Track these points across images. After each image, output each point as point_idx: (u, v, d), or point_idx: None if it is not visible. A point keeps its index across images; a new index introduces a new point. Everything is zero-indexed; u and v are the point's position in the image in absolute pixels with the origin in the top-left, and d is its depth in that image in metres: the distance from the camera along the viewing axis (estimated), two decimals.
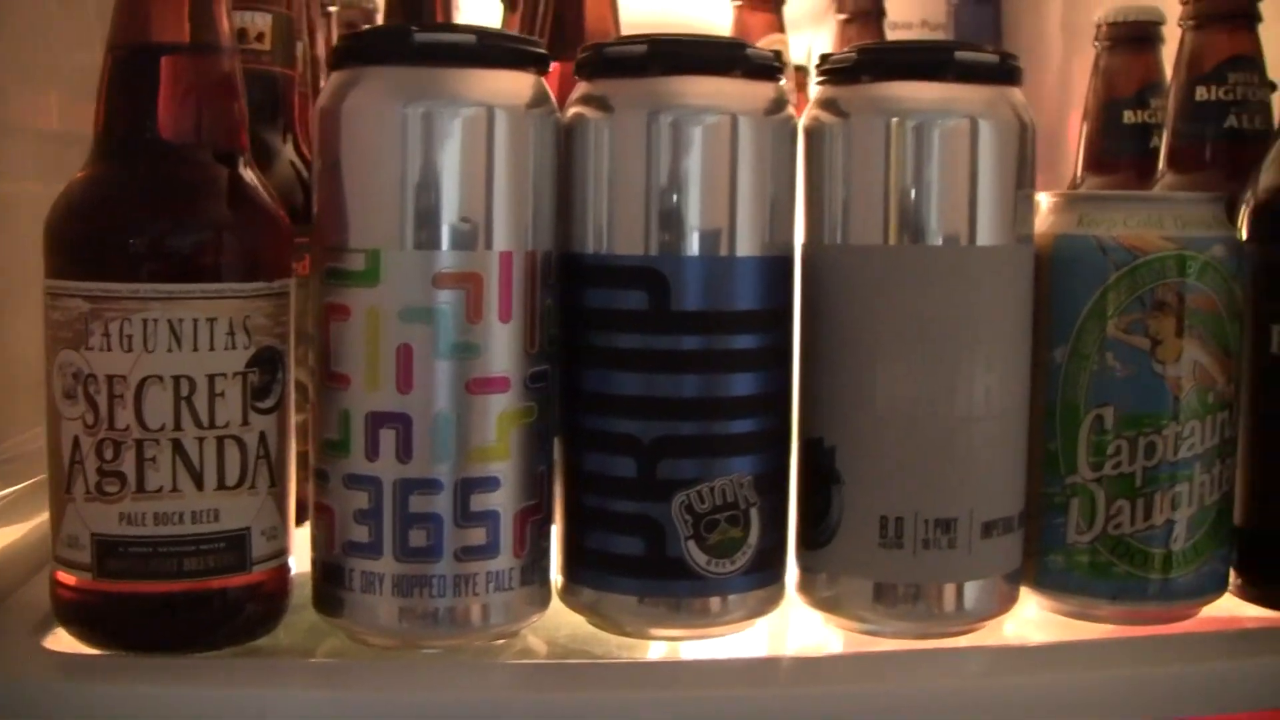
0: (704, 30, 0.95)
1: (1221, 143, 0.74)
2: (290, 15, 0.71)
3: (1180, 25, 0.77)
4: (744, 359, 0.56)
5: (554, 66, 0.60)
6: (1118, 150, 0.84)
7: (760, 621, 0.60)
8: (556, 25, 0.77)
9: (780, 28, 0.94)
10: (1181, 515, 0.60)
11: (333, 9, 0.97)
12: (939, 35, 1.12)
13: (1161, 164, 0.77)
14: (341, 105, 0.55)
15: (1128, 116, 0.84)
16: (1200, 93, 0.75)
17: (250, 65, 0.68)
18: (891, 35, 1.06)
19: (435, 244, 0.54)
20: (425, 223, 0.54)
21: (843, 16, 1.02)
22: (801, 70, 0.97)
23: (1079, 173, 0.86)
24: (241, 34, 0.69)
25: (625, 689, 0.56)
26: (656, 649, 0.60)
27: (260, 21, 0.69)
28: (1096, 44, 0.86)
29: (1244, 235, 0.64)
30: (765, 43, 0.93)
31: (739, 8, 0.95)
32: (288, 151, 0.71)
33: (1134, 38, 0.84)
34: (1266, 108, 0.74)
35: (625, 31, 0.76)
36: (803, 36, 1.10)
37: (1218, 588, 0.63)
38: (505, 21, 0.89)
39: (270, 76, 0.70)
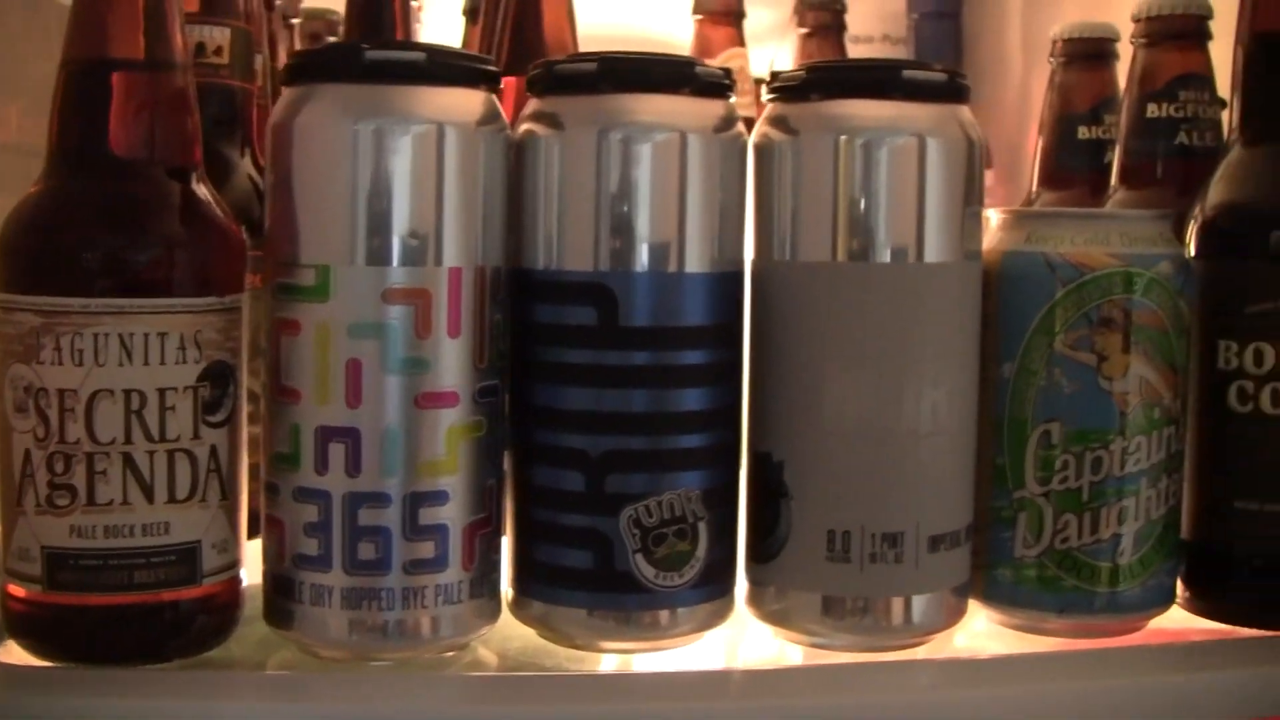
0: (665, 45, 0.97)
1: (1173, 159, 0.75)
2: (249, 29, 0.72)
3: (1132, 43, 0.77)
4: (692, 374, 0.57)
5: (511, 80, 0.60)
6: (1072, 165, 0.85)
7: (711, 634, 0.60)
8: (515, 39, 0.77)
9: (740, 42, 0.95)
10: (1128, 529, 0.61)
11: (295, 21, 0.98)
12: (900, 49, 1.12)
13: (1114, 180, 0.78)
14: (293, 121, 0.55)
15: (1082, 132, 0.84)
16: (1151, 109, 0.76)
17: (208, 79, 0.69)
18: (852, 49, 1.07)
19: (385, 260, 0.54)
20: (375, 239, 0.54)
21: (804, 30, 1.03)
22: (763, 83, 0.98)
23: (1034, 187, 0.87)
24: (200, 48, 0.69)
25: (575, 702, 0.56)
26: (609, 661, 0.60)
27: (218, 35, 0.70)
28: (1052, 60, 0.86)
29: (1192, 251, 0.65)
30: (725, 57, 0.93)
31: (700, 22, 0.95)
32: (246, 165, 0.72)
33: (1088, 54, 0.85)
34: (1217, 125, 0.74)
35: (585, 45, 0.76)
36: (765, 50, 1.10)
37: (1165, 601, 0.63)
38: (467, 33, 0.90)
39: (228, 90, 0.71)
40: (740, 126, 0.59)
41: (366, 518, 0.55)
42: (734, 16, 0.96)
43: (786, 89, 0.59)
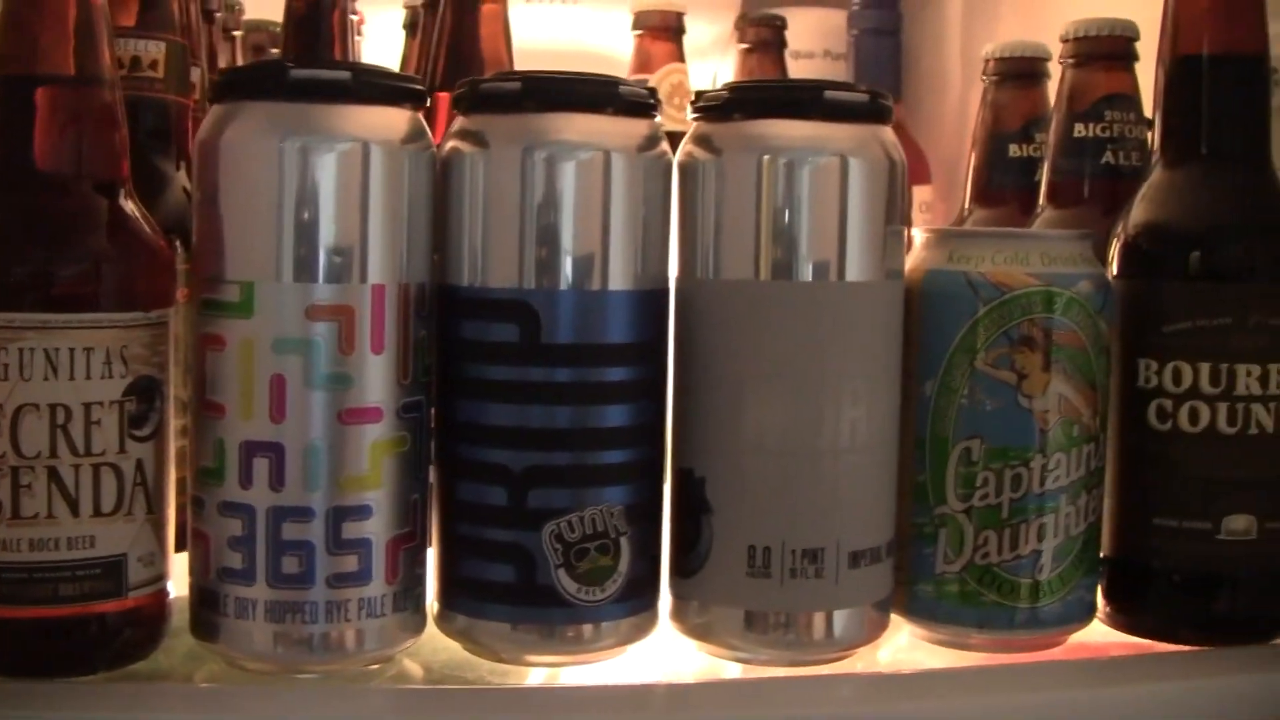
0: (606, 60, 0.97)
1: (1099, 179, 0.76)
2: (184, 43, 0.72)
3: (1060, 63, 0.78)
4: (615, 391, 0.57)
5: (447, 96, 0.61)
6: (1003, 183, 0.85)
7: (637, 647, 0.60)
8: (451, 54, 0.78)
9: (680, 57, 0.96)
10: (1047, 545, 0.62)
11: (237, 34, 0.98)
12: (841, 65, 1.13)
13: (1042, 199, 0.79)
14: (219, 139, 0.55)
15: (1013, 150, 0.85)
16: (1078, 129, 0.77)
17: (143, 93, 0.69)
18: (794, 65, 1.07)
19: (309, 277, 0.54)
20: (299, 256, 0.54)
21: (744, 46, 1.04)
22: None
23: (967, 204, 0.88)
24: (134, 62, 0.69)
25: (498, 715, 0.57)
26: (537, 674, 0.60)
27: (153, 50, 0.70)
28: (984, 79, 0.87)
29: (1114, 270, 0.66)
30: (664, 72, 0.94)
31: (640, 37, 0.96)
32: (181, 178, 0.72)
33: (1019, 73, 0.86)
34: (1143, 145, 0.75)
35: (526, 62, 0.77)
36: (709, 64, 1.11)
37: (1085, 616, 0.64)
38: (407, 48, 0.90)
39: (163, 104, 0.71)
40: (664, 145, 0.59)
41: (290, 532, 0.55)
42: (673, 32, 0.96)
43: (710, 108, 0.60)
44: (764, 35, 1.03)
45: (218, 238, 0.56)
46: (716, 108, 0.60)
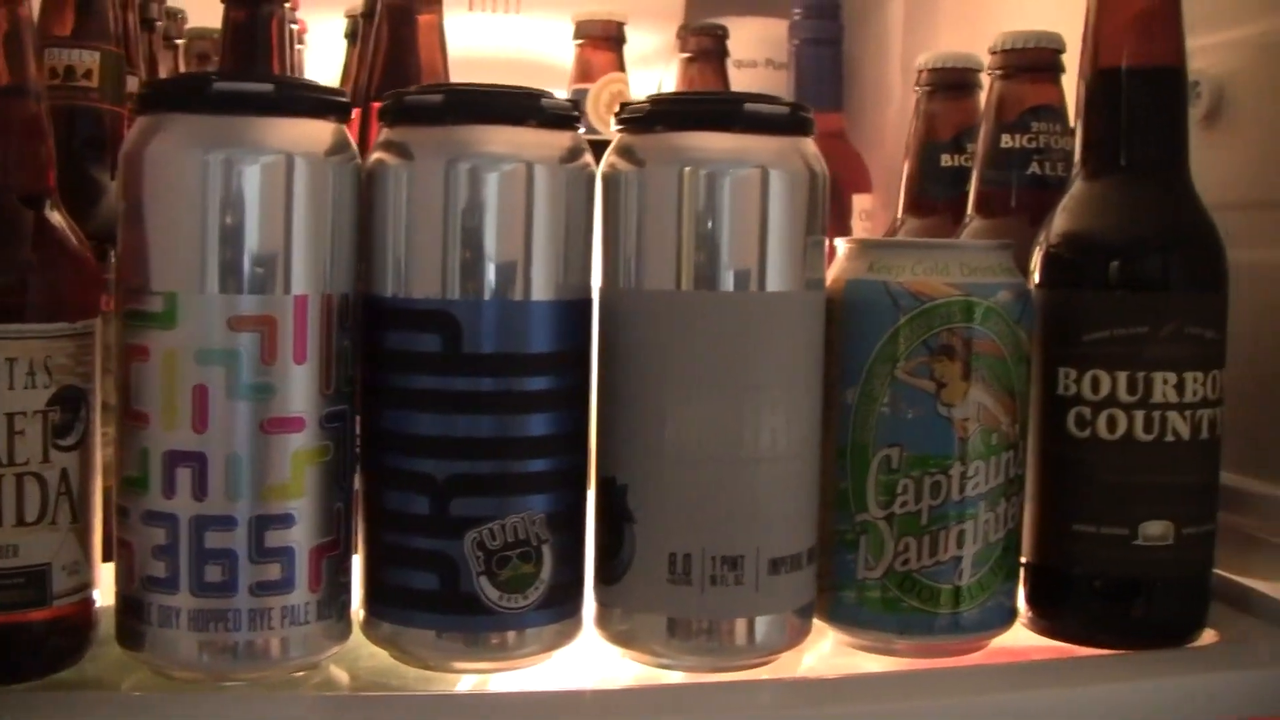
0: (549, 70, 0.98)
1: (1025, 189, 0.77)
2: (120, 52, 0.72)
3: (988, 75, 0.79)
4: (538, 400, 0.58)
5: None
6: (936, 193, 0.86)
7: (564, 654, 0.61)
8: (387, 64, 0.78)
9: (620, 66, 0.96)
10: (967, 552, 0.63)
11: (180, 42, 0.98)
12: (783, 74, 1.14)
13: (969, 208, 0.80)
14: (144, 151, 0.56)
15: (945, 160, 0.86)
16: (1005, 140, 0.78)
17: (77, 102, 0.69)
18: (736, 74, 1.08)
19: (231, 288, 0.55)
20: (222, 267, 0.55)
21: (686, 55, 1.04)
22: None
23: (900, 214, 0.89)
24: (69, 72, 0.70)
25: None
26: (466, 681, 0.61)
27: (88, 59, 0.70)
28: (917, 89, 0.88)
29: (1036, 280, 0.67)
30: (605, 81, 0.95)
31: (580, 46, 0.97)
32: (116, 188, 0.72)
33: (951, 84, 0.87)
34: (1069, 156, 0.76)
35: (467, 71, 0.77)
36: (653, 73, 1.12)
37: (1005, 622, 0.65)
38: (348, 56, 0.91)
39: (98, 113, 0.71)
40: (587, 157, 0.60)
41: (213, 540, 0.55)
42: (614, 42, 0.97)
43: (632, 120, 0.60)
44: (705, 45, 1.04)
45: (142, 249, 0.56)
46: (638, 119, 0.60)
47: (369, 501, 0.59)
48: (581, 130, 0.60)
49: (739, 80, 1.10)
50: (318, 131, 0.57)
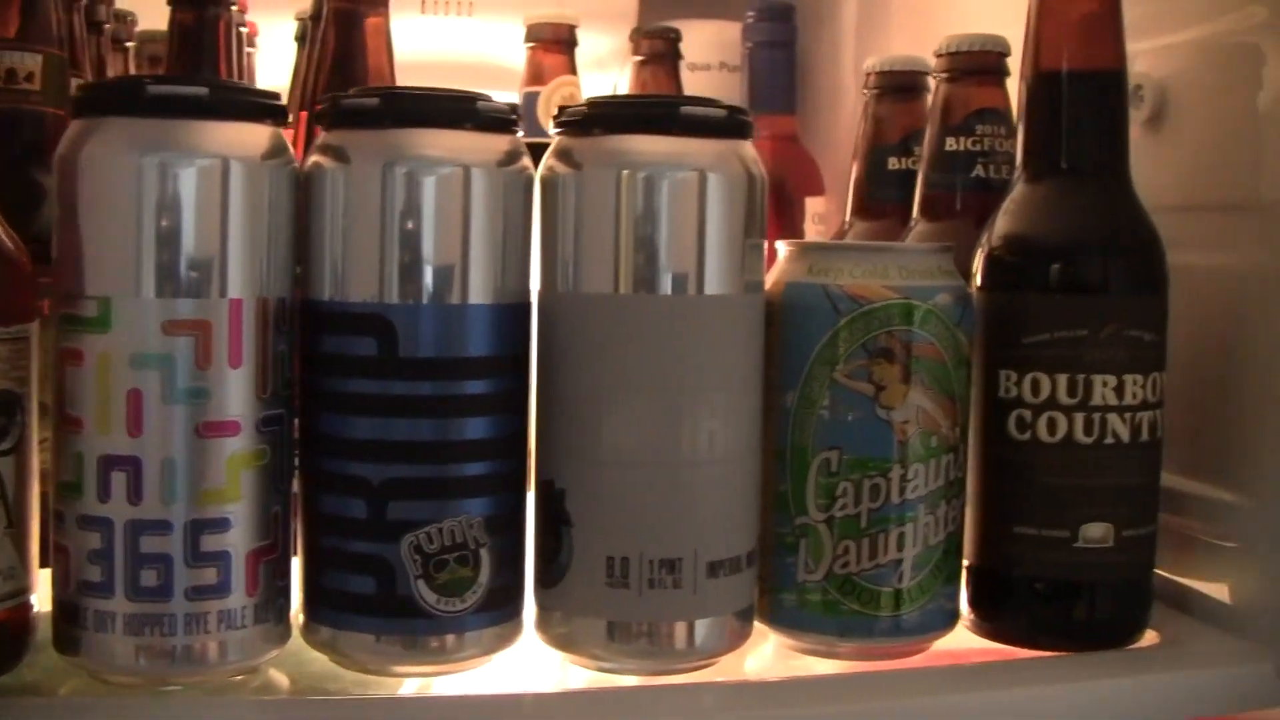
0: (502, 72, 0.98)
1: (970, 192, 0.78)
2: (63, 55, 0.72)
3: (934, 78, 0.80)
4: (475, 404, 0.58)
5: None
6: (883, 196, 0.86)
7: (505, 657, 0.61)
8: (335, 66, 0.78)
9: (572, 70, 0.96)
10: (907, 555, 0.63)
11: (130, 44, 0.98)
12: (736, 77, 1.14)
13: (915, 211, 0.80)
14: (79, 154, 0.56)
15: (892, 163, 0.86)
16: (950, 143, 0.78)
17: (19, 105, 0.69)
18: (689, 77, 1.08)
19: (166, 292, 0.55)
20: (157, 271, 0.55)
21: (639, 59, 1.04)
22: None
23: (848, 217, 0.89)
24: (10, 74, 0.69)
25: None
26: (410, 685, 0.61)
27: (30, 62, 0.70)
28: (865, 92, 0.88)
29: (978, 282, 0.67)
30: (556, 84, 0.95)
31: (532, 49, 0.96)
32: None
33: (899, 87, 0.87)
34: (1013, 159, 0.76)
35: (420, 74, 0.77)
36: (608, 76, 1.12)
37: (946, 624, 0.65)
38: (299, 59, 0.91)
39: (40, 116, 0.71)
40: (525, 160, 0.60)
41: (148, 545, 0.55)
42: (565, 45, 0.97)
43: (570, 124, 0.60)
44: (658, 48, 1.04)
45: (77, 253, 0.56)
46: (576, 123, 0.60)
47: (307, 505, 0.59)
48: (520, 133, 0.60)
49: (693, 83, 1.10)
50: (254, 135, 0.57)
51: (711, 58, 1.16)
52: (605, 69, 1.13)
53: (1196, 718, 0.67)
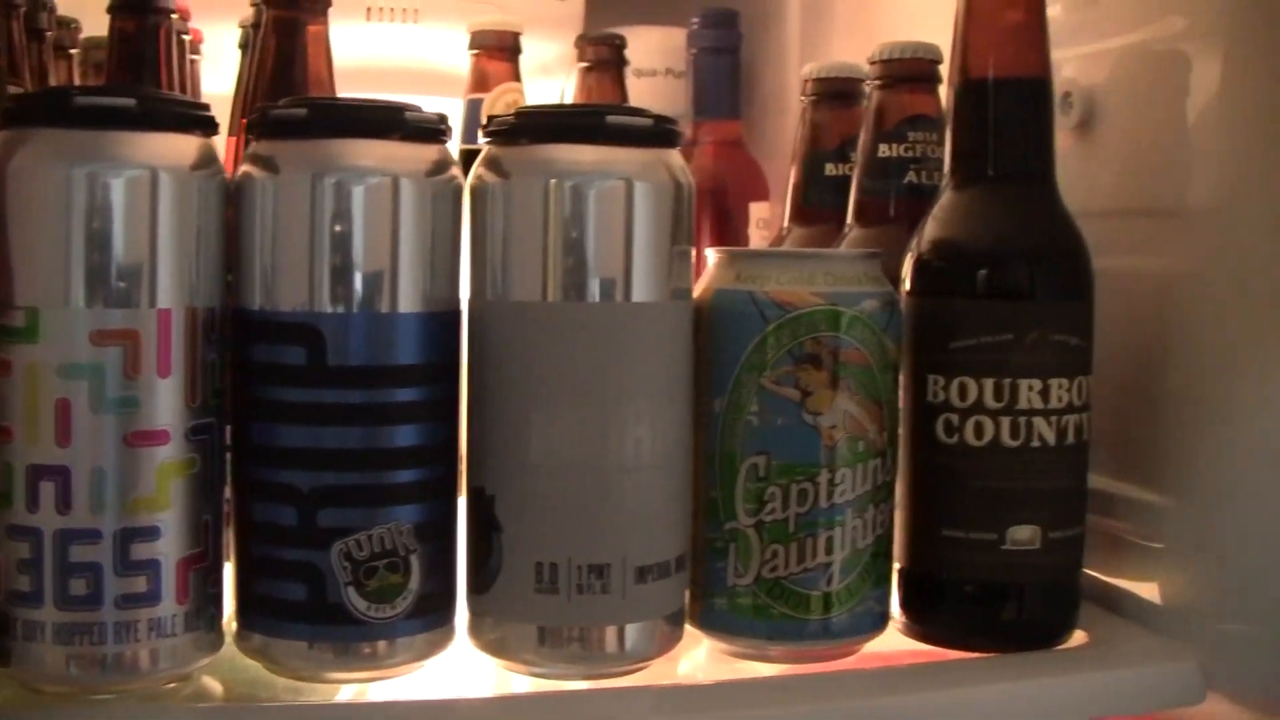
0: (448, 79, 0.98)
1: (903, 198, 0.78)
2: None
3: (867, 85, 0.80)
4: (405, 411, 0.58)
5: None
6: (820, 201, 0.87)
7: (440, 663, 0.62)
8: (274, 75, 0.78)
9: (516, 76, 0.97)
10: (835, 558, 0.63)
11: (74, 52, 0.98)
12: (682, 83, 1.15)
13: (849, 217, 0.81)
14: (6, 165, 0.56)
15: (829, 169, 0.87)
16: (883, 149, 0.79)
17: None
18: (635, 84, 1.09)
19: (94, 302, 0.55)
20: (86, 281, 0.55)
21: (584, 65, 1.05)
22: None
23: (786, 223, 0.90)
24: None
25: None
26: (347, 691, 0.61)
27: None
28: (803, 99, 0.89)
29: (906, 288, 0.68)
30: (500, 91, 0.95)
31: (476, 56, 0.97)
32: None
33: (835, 94, 0.88)
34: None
35: (362, 81, 0.77)
36: (555, 83, 1.12)
37: (876, 627, 0.66)
38: (242, 67, 0.91)
39: None
40: (454, 170, 0.60)
41: (77, 554, 0.56)
42: (509, 52, 0.97)
43: (498, 133, 0.61)
44: (603, 54, 1.05)
45: (5, 263, 0.56)
46: (504, 132, 0.61)
47: (238, 513, 0.60)
48: (449, 143, 0.61)
49: (638, 89, 1.11)
50: (182, 146, 0.57)
51: (657, 64, 1.17)
52: (551, 75, 1.13)
53: (1123, 716, 0.68)
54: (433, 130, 0.60)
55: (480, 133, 0.62)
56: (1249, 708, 0.66)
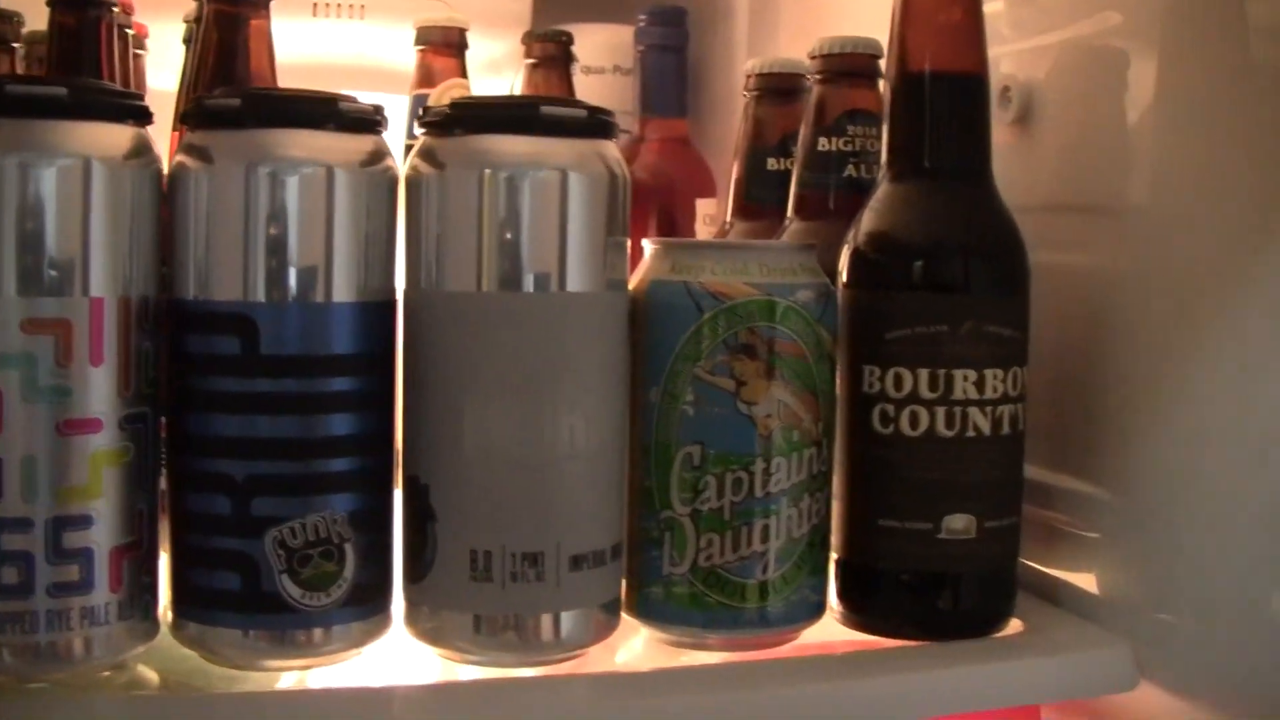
0: (394, 75, 0.98)
1: (842, 191, 0.79)
2: None
3: (808, 79, 0.81)
4: (339, 401, 0.59)
5: None
6: (761, 196, 0.87)
7: (381, 652, 0.62)
8: (215, 69, 0.78)
9: (463, 72, 0.97)
10: (771, 547, 0.64)
11: (17, 45, 0.98)
12: (629, 81, 1.15)
13: (789, 211, 0.81)
14: None
15: (771, 164, 0.87)
16: (822, 143, 0.79)
17: None
18: (583, 81, 1.09)
19: (26, 291, 0.55)
20: (17, 270, 0.55)
21: (531, 62, 1.05)
22: None
23: (729, 217, 0.90)
24: None
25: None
26: (288, 679, 0.61)
27: None
28: (745, 94, 0.89)
29: (843, 280, 0.68)
30: (445, 87, 0.95)
31: (422, 52, 0.97)
32: None
33: (778, 89, 0.88)
34: None
35: (308, 76, 0.77)
36: (504, 80, 1.13)
37: (812, 615, 0.66)
38: (186, 61, 0.91)
39: None
40: (389, 161, 0.61)
41: (9, 543, 0.55)
42: (456, 48, 0.97)
43: (434, 124, 0.61)
44: (550, 51, 1.05)
45: None
46: (440, 123, 0.61)
47: (173, 502, 0.60)
48: (385, 134, 0.61)
49: (586, 86, 1.11)
50: (116, 135, 0.57)
51: (605, 61, 1.17)
52: (500, 73, 1.13)
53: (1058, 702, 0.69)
54: (367, 121, 0.60)
55: (415, 123, 0.62)
56: (1181, 696, 0.67)
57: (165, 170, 0.59)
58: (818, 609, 0.67)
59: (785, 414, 0.63)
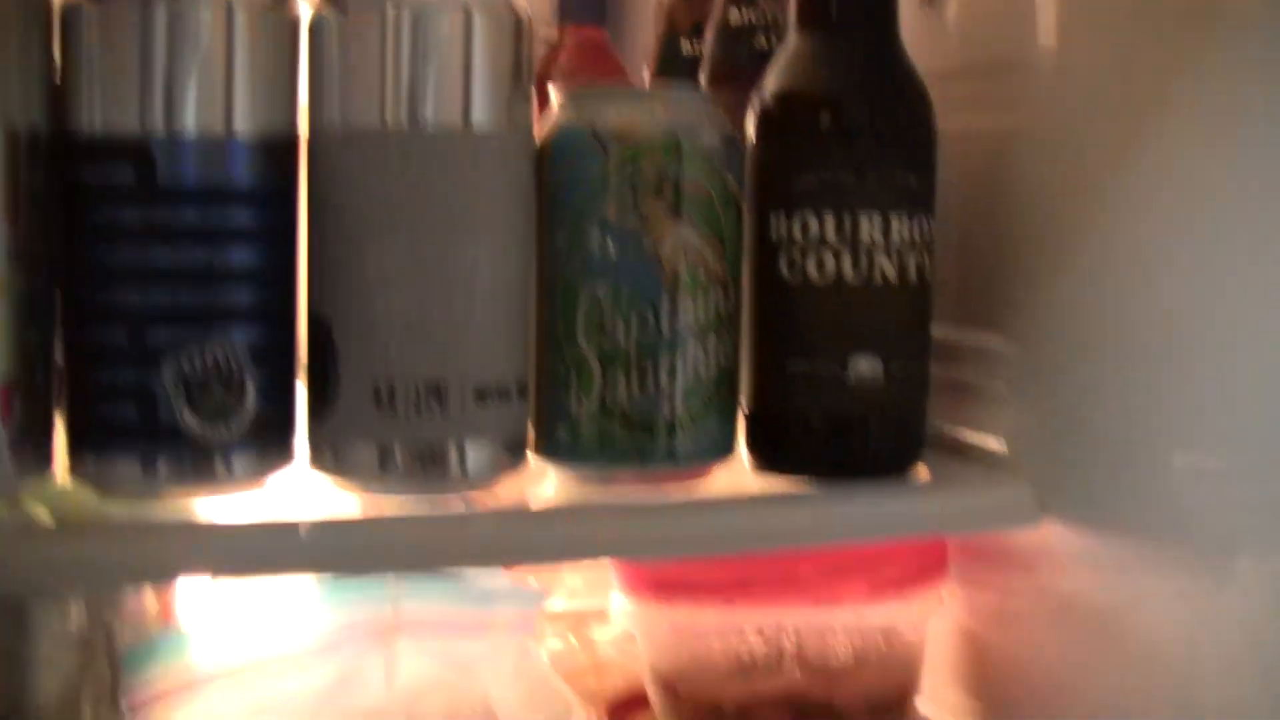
0: None
1: (755, 64, 0.78)
2: None
3: None
4: (237, 234, 0.59)
5: None
6: (676, 76, 0.87)
7: (284, 485, 0.62)
8: None
9: None
10: (677, 385, 0.64)
11: None
12: None
13: (703, 84, 0.81)
14: None
15: (685, 47, 0.87)
16: (734, 16, 0.79)
17: None
18: None
19: None
20: None
21: None
22: None
23: None
24: None
25: (129, 551, 0.59)
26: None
27: None
28: None
29: (751, 132, 0.68)
30: None
31: None
32: None
33: None
34: None
35: None
36: None
37: (720, 453, 0.67)
38: None
39: None
40: (293, 4, 0.60)
41: None
42: None
43: None
44: None
45: None
46: None
47: (69, 337, 0.59)
48: None
49: None
50: None
51: None
52: None
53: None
54: None
55: None
56: (1079, 530, 0.67)
57: None
58: (727, 449, 0.67)
59: (690, 254, 0.64)
